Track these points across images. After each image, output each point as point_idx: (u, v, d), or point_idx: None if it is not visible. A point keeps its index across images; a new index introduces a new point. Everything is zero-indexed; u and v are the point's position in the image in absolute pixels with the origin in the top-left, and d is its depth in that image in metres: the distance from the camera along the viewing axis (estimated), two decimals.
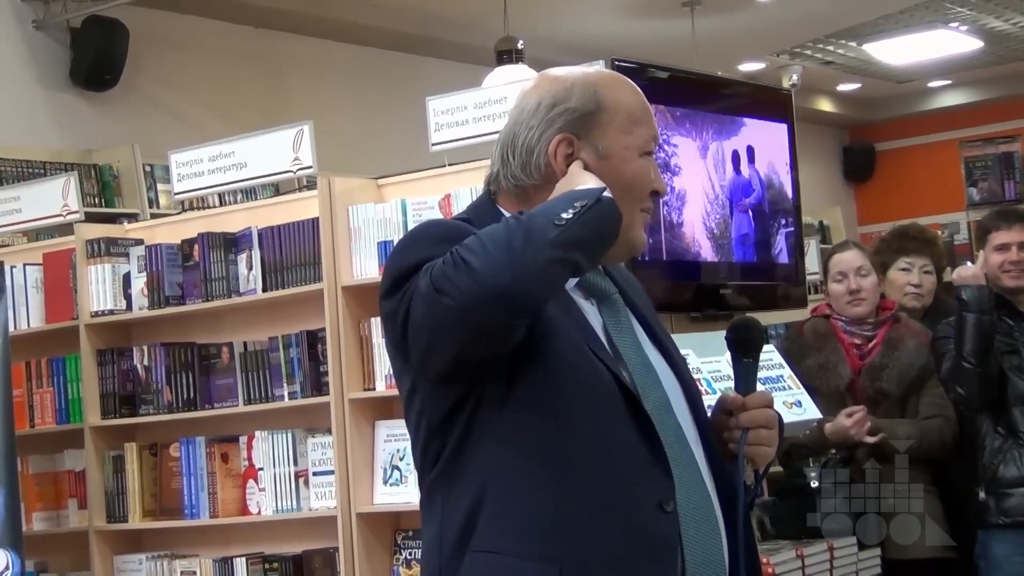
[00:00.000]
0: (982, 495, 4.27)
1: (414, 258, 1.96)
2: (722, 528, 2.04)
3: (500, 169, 2.12)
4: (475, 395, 1.98)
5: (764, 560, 3.69)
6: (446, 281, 1.87)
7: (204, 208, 5.59)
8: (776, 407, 3.96)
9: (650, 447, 1.98)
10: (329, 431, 4.71)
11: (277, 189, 6.05)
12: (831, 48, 11.46)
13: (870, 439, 4.24)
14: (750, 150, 4.56)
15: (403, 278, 1.97)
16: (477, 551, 1.98)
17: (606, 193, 1.93)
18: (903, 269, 4.94)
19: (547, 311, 1.97)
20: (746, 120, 4.58)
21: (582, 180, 1.99)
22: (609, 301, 2.11)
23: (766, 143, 4.66)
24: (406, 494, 4.53)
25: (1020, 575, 4.25)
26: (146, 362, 5.18)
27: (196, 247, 5.07)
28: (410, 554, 4.56)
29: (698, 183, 4.33)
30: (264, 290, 4.90)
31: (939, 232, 10.99)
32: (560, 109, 2.08)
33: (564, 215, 1.87)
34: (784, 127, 4.77)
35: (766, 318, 6.86)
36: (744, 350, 2.16)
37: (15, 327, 5.42)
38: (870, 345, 4.51)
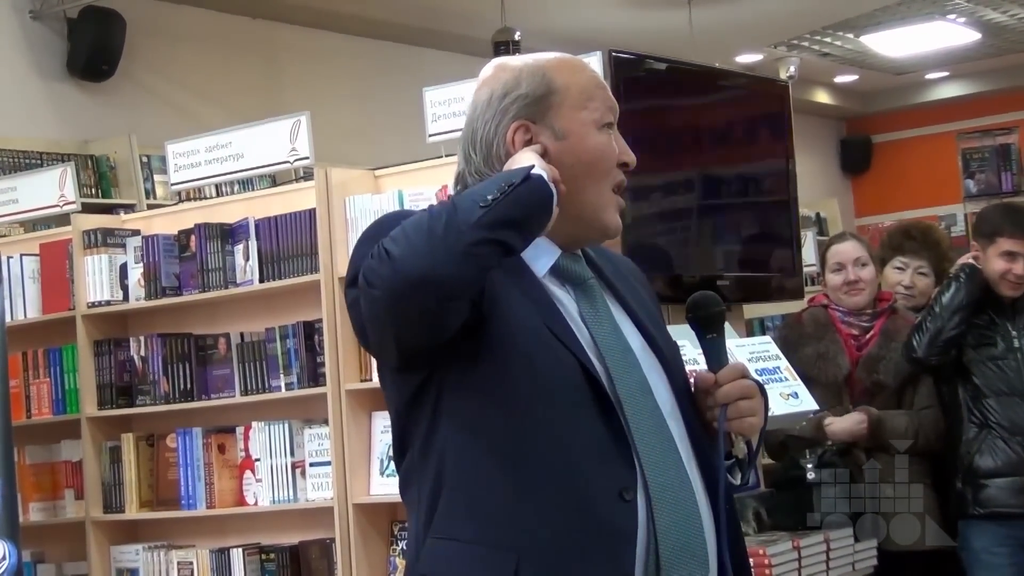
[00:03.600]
0: (959, 485, 4.29)
1: (375, 227, 2.00)
2: (704, 512, 2.01)
3: (465, 167, 2.13)
4: (436, 382, 1.99)
5: (761, 551, 3.69)
6: (372, 273, 1.88)
7: (201, 199, 5.58)
8: (772, 399, 3.97)
9: (614, 435, 1.96)
10: (326, 422, 4.71)
11: (274, 180, 6.04)
12: (828, 40, 11.46)
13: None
14: (747, 142, 4.56)
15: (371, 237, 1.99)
16: (435, 537, 1.99)
17: (536, 170, 1.91)
18: (897, 268, 4.94)
19: (507, 299, 1.97)
20: (743, 112, 4.58)
21: (519, 160, 1.98)
22: (585, 287, 2.09)
23: (763, 135, 4.66)
24: None
25: (997, 566, 4.26)
26: (143, 353, 5.18)
27: (193, 238, 5.07)
28: (407, 545, 4.56)
29: (695, 175, 4.33)
30: (261, 281, 4.90)
31: (938, 224, 11.01)
32: (512, 97, 2.08)
33: (490, 196, 1.86)
34: (781, 118, 4.76)
35: (763, 310, 6.87)
36: (706, 326, 2.13)
37: (11, 317, 5.42)
38: (867, 336, 4.52)
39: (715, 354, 2.12)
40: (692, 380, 2.13)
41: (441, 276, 1.84)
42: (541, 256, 2.06)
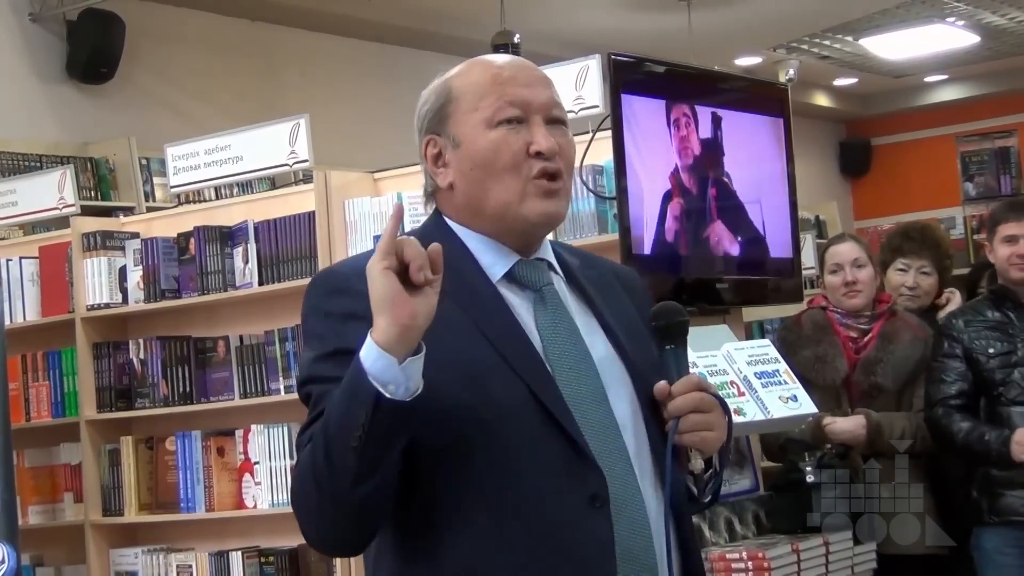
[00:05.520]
0: (974, 494, 4.29)
1: (307, 306, 2.01)
2: (655, 525, 1.96)
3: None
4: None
5: (760, 555, 3.69)
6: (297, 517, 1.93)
7: (200, 201, 5.58)
8: (772, 402, 3.95)
9: (572, 447, 1.91)
10: None
11: (273, 183, 6.04)
12: (828, 43, 11.46)
13: None
14: (747, 144, 4.55)
15: (305, 331, 2.03)
16: None
17: (386, 392, 1.77)
18: (899, 270, 4.95)
19: (440, 325, 1.85)
20: (742, 114, 4.57)
21: (375, 335, 1.80)
22: (541, 293, 2.03)
23: (763, 137, 4.65)
24: None
25: (1008, 566, 4.27)
26: (142, 356, 5.19)
27: (192, 240, 5.07)
28: None
29: (694, 177, 4.33)
30: (260, 284, 4.90)
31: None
32: (422, 114, 2.12)
33: (354, 438, 1.78)
34: (780, 122, 4.75)
35: (762, 313, 6.87)
36: (664, 337, 2.06)
37: (11, 320, 5.42)
38: (866, 339, 4.51)
39: (674, 366, 2.05)
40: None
41: (345, 535, 1.91)
42: (496, 263, 2.02)
